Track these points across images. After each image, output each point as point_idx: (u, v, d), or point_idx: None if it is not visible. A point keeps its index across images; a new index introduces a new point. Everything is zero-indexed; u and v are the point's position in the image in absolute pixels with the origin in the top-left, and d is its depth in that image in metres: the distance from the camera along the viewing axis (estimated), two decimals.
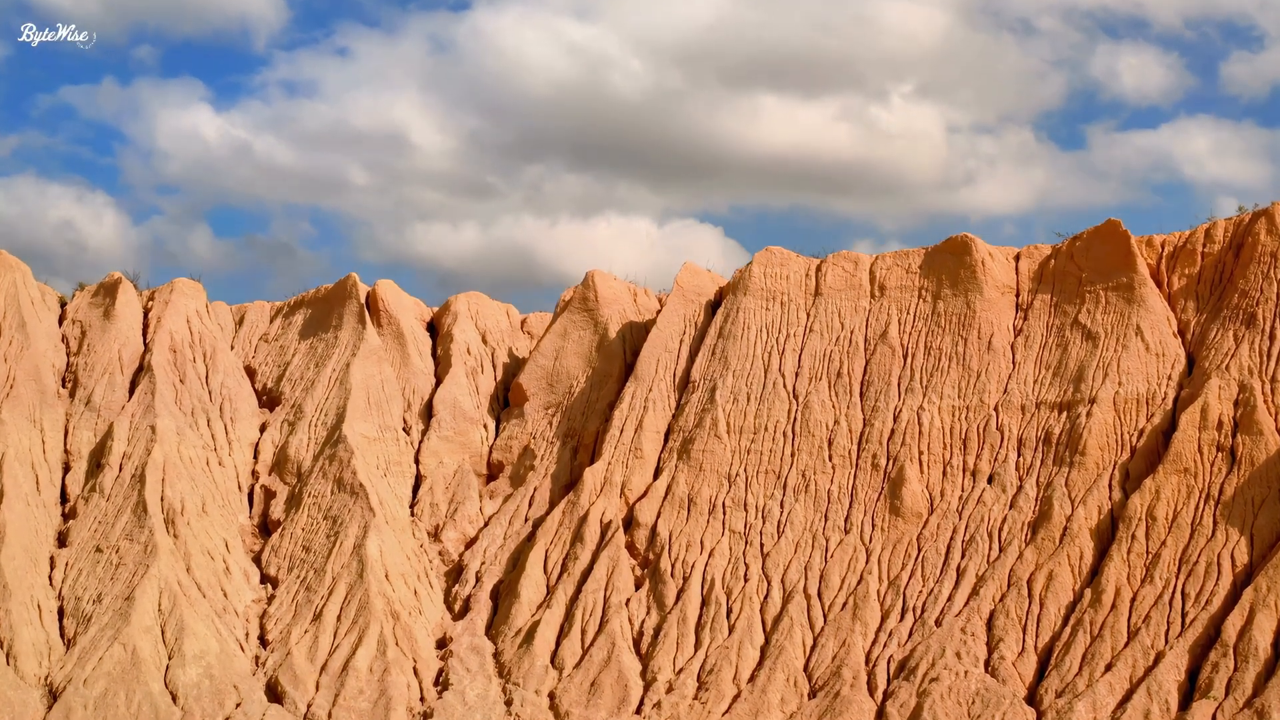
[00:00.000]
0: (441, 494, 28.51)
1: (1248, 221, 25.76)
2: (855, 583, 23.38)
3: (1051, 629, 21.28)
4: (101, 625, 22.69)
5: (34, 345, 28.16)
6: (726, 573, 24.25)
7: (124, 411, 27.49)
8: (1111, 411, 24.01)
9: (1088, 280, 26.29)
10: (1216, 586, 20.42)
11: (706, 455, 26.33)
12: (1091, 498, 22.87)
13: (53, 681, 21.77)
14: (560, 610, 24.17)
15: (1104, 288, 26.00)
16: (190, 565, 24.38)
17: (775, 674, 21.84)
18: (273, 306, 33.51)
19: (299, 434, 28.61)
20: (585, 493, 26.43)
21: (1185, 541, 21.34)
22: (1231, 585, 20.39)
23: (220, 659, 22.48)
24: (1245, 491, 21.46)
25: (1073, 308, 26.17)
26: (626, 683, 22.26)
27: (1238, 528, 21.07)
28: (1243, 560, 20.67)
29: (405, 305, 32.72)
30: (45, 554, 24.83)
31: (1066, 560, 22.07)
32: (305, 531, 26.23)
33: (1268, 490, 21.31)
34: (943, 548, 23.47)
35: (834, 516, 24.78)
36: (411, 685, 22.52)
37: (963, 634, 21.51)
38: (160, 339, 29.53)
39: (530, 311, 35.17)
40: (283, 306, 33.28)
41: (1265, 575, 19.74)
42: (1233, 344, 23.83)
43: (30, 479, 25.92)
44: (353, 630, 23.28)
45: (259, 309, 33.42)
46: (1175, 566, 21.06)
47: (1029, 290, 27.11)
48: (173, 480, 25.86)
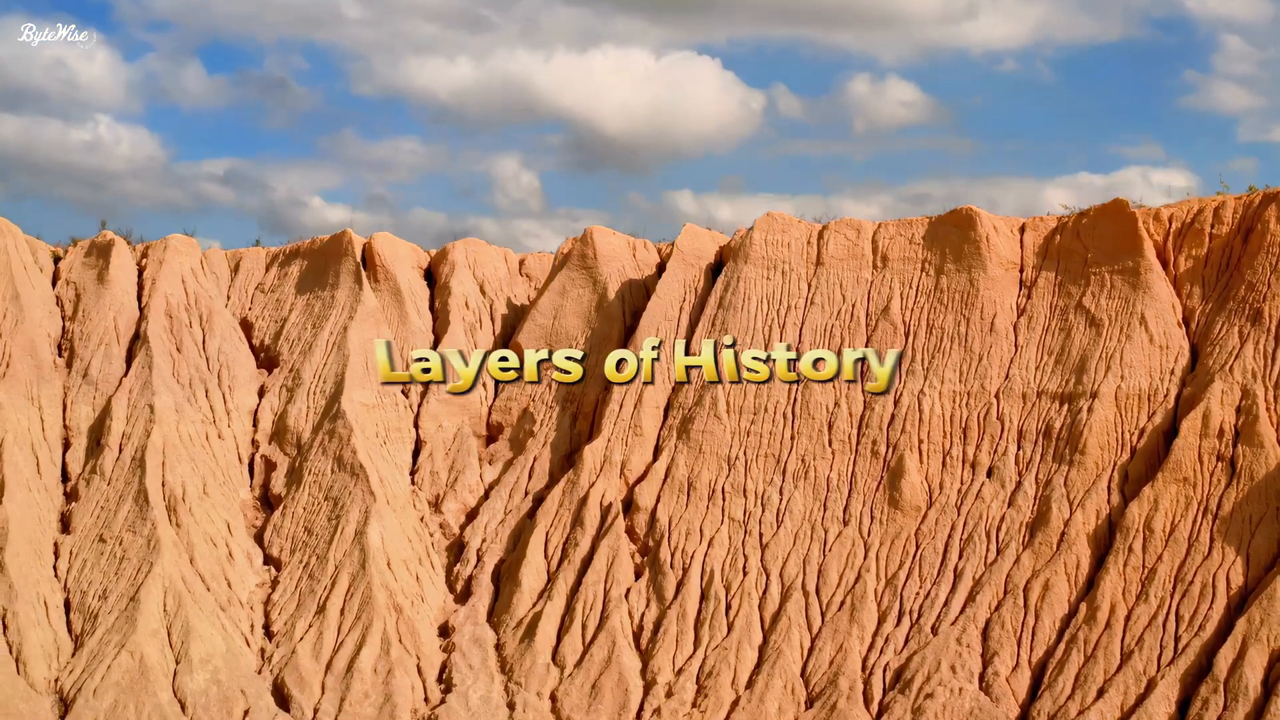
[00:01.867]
0: (442, 461, 28.60)
1: (1257, 204, 25.30)
2: (853, 580, 23.58)
3: (1046, 643, 21.54)
4: (108, 626, 22.97)
5: (29, 317, 27.91)
6: (726, 564, 24.45)
7: (122, 387, 27.39)
8: (1113, 407, 23.91)
9: (1093, 261, 25.94)
10: (1211, 610, 20.59)
11: (706, 436, 26.31)
12: (1090, 501, 22.92)
13: (63, 688, 22.14)
14: (561, 602, 24.43)
15: (1109, 270, 25.66)
16: (194, 556, 24.57)
17: (773, 680, 22.19)
18: (268, 254, 33.19)
19: (298, 403, 28.56)
20: (585, 472, 26.50)
21: (1182, 558, 21.46)
22: (1225, 609, 20.56)
23: (227, 659, 22.82)
24: (1244, 508, 21.49)
25: (1077, 288, 25.88)
26: (627, 686, 22.63)
27: (1234, 546, 21.16)
28: (1238, 582, 20.81)
29: (401, 256, 32.38)
30: (49, 541, 25.02)
31: (1063, 569, 22.22)
32: (307, 511, 26.38)
33: (1266, 507, 21.34)
34: (940, 546, 23.62)
35: (833, 506, 24.88)
36: (416, 687, 22.90)
37: (958, 645, 21.79)
38: (155, 304, 29.27)
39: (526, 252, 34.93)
40: (279, 254, 32.96)
41: (1259, 606, 19.89)
42: (1237, 341, 23.61)
43: (30, 462, 25.96)
44: (356, 626, 23.57)
45: (254, 256, 33.10)
46: (1170, 584, 21.22)
47: (1033, 266, 26.77)
48: (173, 464, 25.90)
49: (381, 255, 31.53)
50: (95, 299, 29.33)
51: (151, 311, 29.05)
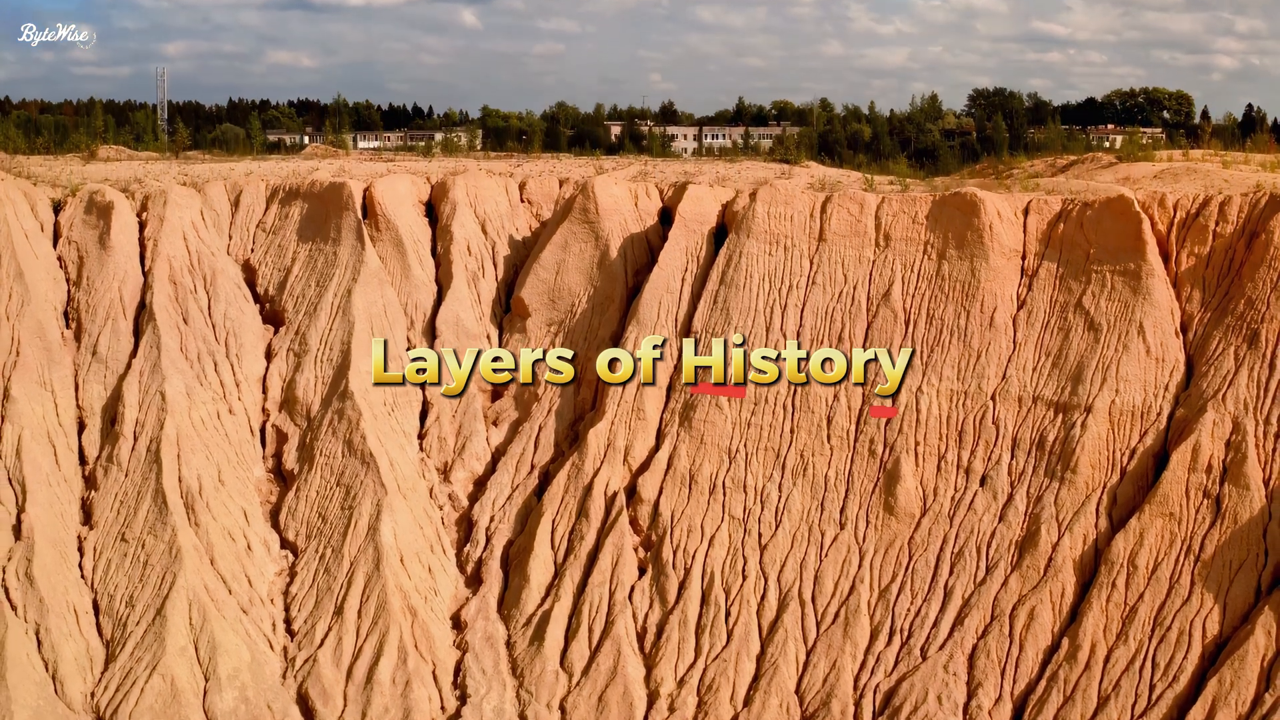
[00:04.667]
0: (449, 425, 29.26)
1: (1263, 208, 25.25)
2: (848, 590, 24.63)
3: (1029, 676, 22.72)
4: (137, 640, 24.06)
5: (34, 296, 28.04)
6: (725, 566, 25.44)
7: (131, 370, 27.74)
8: (1106, 423, 24.48)
9: (1095, 257, 26.05)
10: (1185, 660, 21.69)
11: (708, 426, 26.92)
12: (1078, 524, 23.76)
13: (99, 705, 23.39)
14: (568, 602, 25.51)
15: (1111, 269, 25.81)
16: (214, 557, 25.48)
17: (770, 699, 23.48)
18: (268, 187, 33.03)
19: (305, 372, 29.01)
20: (589, 457, 27.22)
21: (1162, 599, 22.44)
22: (1200, 658, 21.66)
23: (252, 670, 24.03)
24: (1225, 552, 22.34)
25: (1078, 284, 26.08)
26: (632, 700, 23.92)
27: (1213, 592, 22.11)
28: (1213, 630, 21.85)
29: (402, 196, 32.28)
30: (72, 537, 25.85)
31: (1049, 597, 23.24)
32: (320, 495, 27.19)
33: (1247, 554, 22.19)
34: (932, 559, 24.56)
35: (830, 507, 25.71)
36: (433, 697, 24.20)
37: (945, 672, 22.99)
38: (159, 270, 29.35)
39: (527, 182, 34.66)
40: (279, 189, 32.79)
41: (1230, 666, 20.98)
42: (1233, 364, 24.00)
43: (48, 453, 26.57)
44: (373, 633, 24.71)
45: (255, 190, 32.92)
46: (1150, 627, 22.26)
47: (1035, 254, 26.87)
48: (187, 456, 26.56)
49: (382, 204, 31.40)
50: (99, 266, 29.37)
51: (155, 279, 29.16)
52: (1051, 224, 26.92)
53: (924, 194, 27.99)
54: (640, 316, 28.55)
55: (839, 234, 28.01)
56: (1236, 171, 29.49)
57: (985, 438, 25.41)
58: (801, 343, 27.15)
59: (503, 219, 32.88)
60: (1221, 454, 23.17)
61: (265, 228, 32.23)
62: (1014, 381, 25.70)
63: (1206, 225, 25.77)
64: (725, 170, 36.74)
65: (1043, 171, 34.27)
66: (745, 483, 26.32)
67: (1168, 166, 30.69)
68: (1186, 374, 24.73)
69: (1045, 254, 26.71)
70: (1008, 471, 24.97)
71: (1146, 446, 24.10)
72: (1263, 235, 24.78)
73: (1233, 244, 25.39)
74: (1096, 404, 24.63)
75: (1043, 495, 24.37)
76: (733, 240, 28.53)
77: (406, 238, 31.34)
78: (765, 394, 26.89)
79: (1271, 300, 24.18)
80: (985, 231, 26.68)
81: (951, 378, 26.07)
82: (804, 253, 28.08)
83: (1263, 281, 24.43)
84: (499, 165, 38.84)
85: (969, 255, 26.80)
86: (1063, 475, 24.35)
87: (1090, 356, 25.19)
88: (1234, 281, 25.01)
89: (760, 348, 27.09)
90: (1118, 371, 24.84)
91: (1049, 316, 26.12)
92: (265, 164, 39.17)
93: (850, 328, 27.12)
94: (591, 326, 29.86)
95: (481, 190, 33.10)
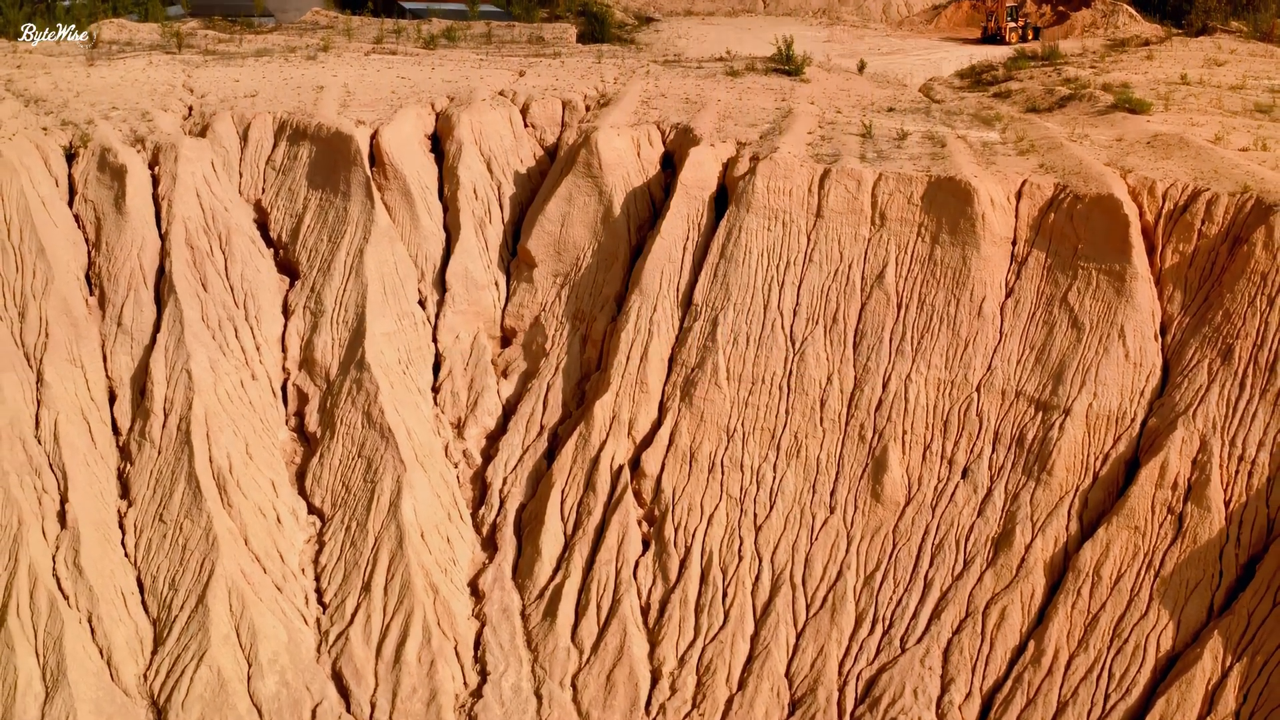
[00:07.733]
0: (461, 379, 30.77)
1: (1248, 213, 26.01)
2: (835, 575, 26.66)
3: (997, 674, 24.96)
4: (182, 625, 26.19)
5: (57, 270, 28.98)
6: (723, 546, 27.39)
7: (157, 345, 28.91)
8: (1083, 426, 25.96)
9: (1083, 253, 26.97)
10: (1139, 674, 23.88)
11: (708, 404, 28.39)
12: (1051, 526, 25.57)
13: (153, 690, 25.75)
14: (578, 578, 27.57)
15: (1097, 268, 26.78)
16: (248, 537, 27.38)
17: (762, 683, 25.83)
18: (275, 120, 33.44)
19: (323, 334, 30.26)
20: (595, 429, 28.80)
21: (1122, 610, 24.45)
22: (1152, 673, 23.81)
23: (290, 651, 26.29)
24: (1183, 570, 24.21)
25: (1065, 278, 27.10)
26: (637, 680, 26.26)
27: (1169, 609, 24.10)
28: (1166, 646, 23.95)
29: (407, 140, 32.79)
30: (113, 515, 27.65)
31: (1019, 597, 25.27)
32: (343, 465, 28.90)
33: (1203, 574, 24.06)
34: (914, 549, 26.48)
35: (821, 489, 27.46)
36: (455, 676, 26.54)
37: (921, 666, 25.24)
38: (175, 233, 30.18)
39: None
40: (286, 125, 33.23)
41: (1178, 688, 23.15)
42: (1205, 379, 25.29)
43: (83, 433, 28.12)
44: (399, 612, 26.85)
45: (263, 124, 33.39)
46: (1109, 638, 24.35)
47: (1026, 240, 27.76)
48: (216, 435, 28.13)
49: (389, 153, 31.94)
50: (116, 230, 30.17)
51: (173, 244, 30.03)
52: (1043, 211, 27.69)
53: (921, 174, 28.55)
54: (643, 286, 29.59)
55: (836, 210, 28.77)
56: (1227, 152, 29.80)
57: (969, 429, 26.93)
58: (798, 322, 28.33)
59: (508, 154, 33.43)
60: (1188, 472, 24.74)
61: (275, 166, 32.84)
62: (999, 374, 27.03)
63: (1193, 223, 26.57)
64: (731, 101, 36.77)
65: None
66: (742, 462, 27.99)
67: (1160, 131, 31.02)
68: (1162, 379, 26.05)
69: (1035, 241, 27.59)
70: (988, 465, 26.60)
71: (1119, 453, 25.66)
72: (1245, 245, 25.63)
73: (1216, 247, 26.26)
74: (1075, 407, 26.04)
75: (1019, 493, 26.07)
76: (732, 213, 29.29)
77: (414, 185, 32.02)
78: (762, 372, 28.25)
79: (1248, 316, 25.26)
80: (978, 220, 27.49)
81: (940, 366, 27.39)
82: (801, 228, 28.90)
83: (1241, 295, 25.44)
84: (500, 78, 38.82)
85: (961, 243, 27.68)
86: (1039, 476, 26.00)
87: (1072, 356, 26.45)
88: (1214, 288, 26.02)
89: (757, 325, 28.31)
90: (1097, 374, 26.14)
91: (1035, 309, 27.23)
92: (268, 71, 39.14)
93: (845, 309, 28.25)
94: (596, 283, 30.93)
95: (486, 125, 33.53)
